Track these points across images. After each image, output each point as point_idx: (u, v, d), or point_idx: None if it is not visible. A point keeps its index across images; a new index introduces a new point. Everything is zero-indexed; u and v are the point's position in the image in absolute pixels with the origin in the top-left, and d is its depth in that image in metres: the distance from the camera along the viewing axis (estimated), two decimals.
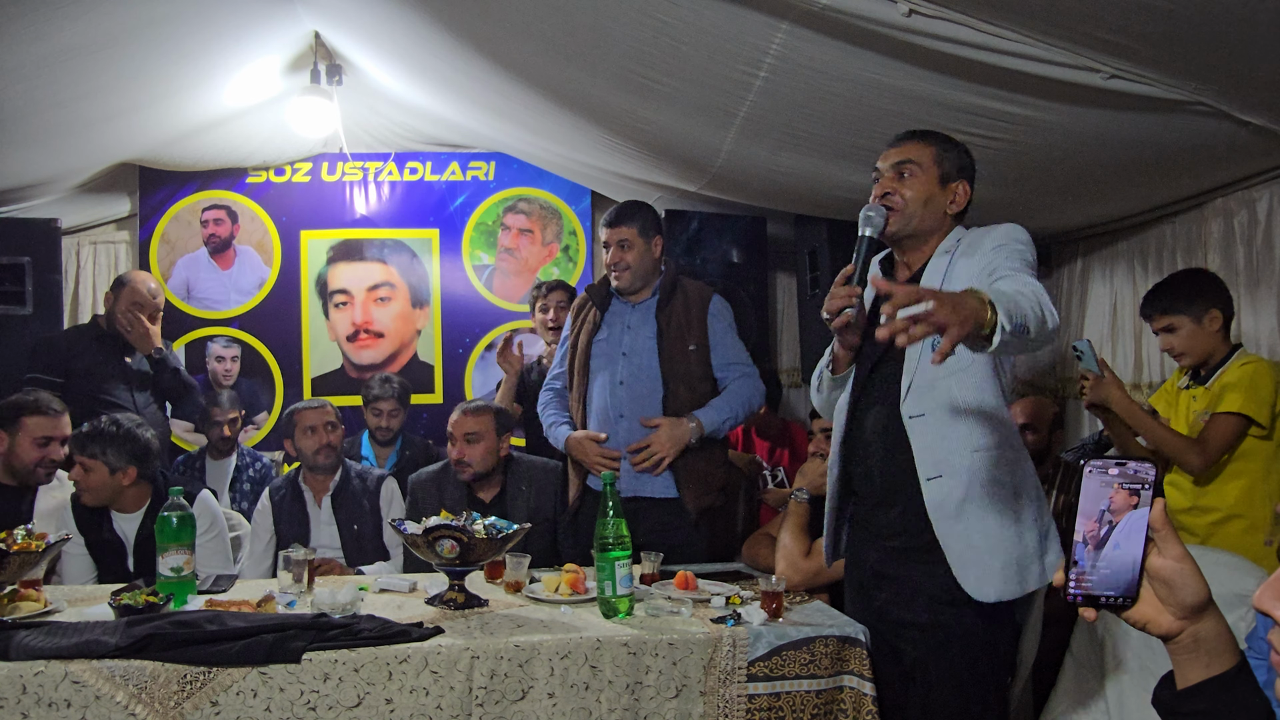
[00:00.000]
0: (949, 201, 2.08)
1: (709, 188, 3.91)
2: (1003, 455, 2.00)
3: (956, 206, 2.09)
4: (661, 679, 2.04)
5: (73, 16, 2.88)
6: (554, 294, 3.97)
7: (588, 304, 3.16)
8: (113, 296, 3.98)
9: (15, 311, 4.31)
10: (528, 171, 5.12)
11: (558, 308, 3.92)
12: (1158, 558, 0.97)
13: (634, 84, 2.94)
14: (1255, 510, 2.62)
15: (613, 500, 2.24)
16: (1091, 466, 0.97)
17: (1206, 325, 2.66)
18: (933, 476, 2.00)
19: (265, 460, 4.41)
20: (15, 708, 1.81)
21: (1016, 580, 1.99)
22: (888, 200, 2.06)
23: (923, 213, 2.06)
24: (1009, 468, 2.01)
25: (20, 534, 2.13)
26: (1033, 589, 2.02)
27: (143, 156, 4.69)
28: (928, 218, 2.07)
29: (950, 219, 2.10)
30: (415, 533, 2.25)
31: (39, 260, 4.36)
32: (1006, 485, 2.00)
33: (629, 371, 3.01)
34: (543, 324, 3.98)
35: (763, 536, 2.91)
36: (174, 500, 2.42)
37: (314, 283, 5.04)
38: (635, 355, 3.02)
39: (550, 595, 2.37)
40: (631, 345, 3.03)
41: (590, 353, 3.09)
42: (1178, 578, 0.97)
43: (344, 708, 1.91)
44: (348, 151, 4.96)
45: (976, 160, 2.16)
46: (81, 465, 2.82)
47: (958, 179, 2.09)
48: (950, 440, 2.00)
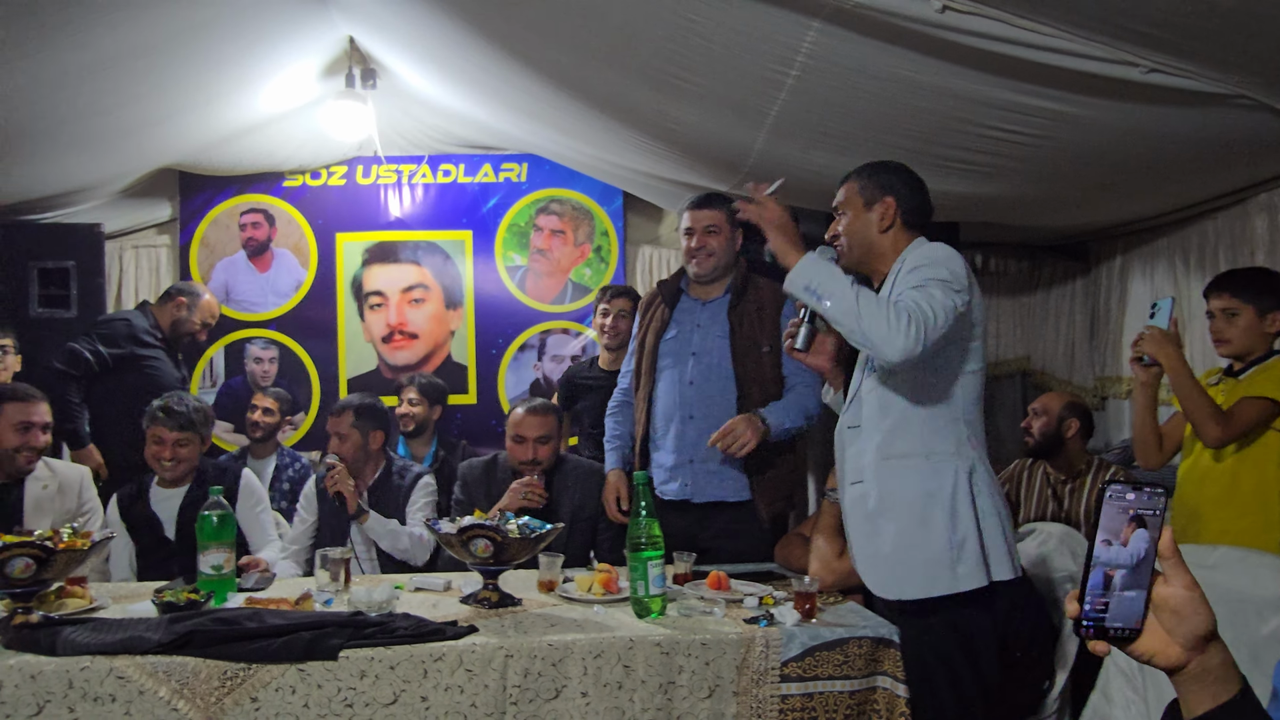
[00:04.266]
0: (879, 220, 2.20)
1: (741, 187, 3.89)
2: (917, 463, 2.10)
3: (885, 222, 2.20)
4: (694, 679, 2.04)
5: (113, 25, 2.94)
6: (619, 300, 3.91)
7: (656, 301, 3.13)
8: (185, 303, 4.28)
9: (60, 314, 4.42)
10: (560, 173, 5.15)
11: (618, 315, 3.87)
12: (1166, 587, 0.94)
13: (665, 84, 2.94)
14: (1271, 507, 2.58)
15: (645, 500, 2.24)
16: (1112, 491, 0.93)
17: (1266, 324, 2.62)
18: (855, 482, 2.18)
19: (304, 460, 4.47)
20: (62, 702, 1.85)
21: (921, 580, 2.08)
22: (835, 243, 2.26)
23: (861, 244, 2.23)
24: (923, 476, 2.09)
25: (66, 532, 2.18)
26: (939, 594, 2.06)
27: (182, 161, 4.78)
28: (867, 246, 2.23)
29: (891, 235, 2.21)
30: (449, 532, 2.27)
31: (83, 264, 4.47)
32: (916, 492, 2.09)
33: (699, 371, 2.97)
34: (602, 328, 3.95)
35: (795, 537, 2.90)
36: (214, 499, 2.46)
37: (349, 285, 5.10)
38: (706, 355, 2.98)
39: (583, 595, 2.38)
40: (702, 344, 2.99)
41: (658, 351, 3.07)
42: (1187, 607, 0.93)
43: (380, 705, 1.93)
44: (382, 154, 5.01)
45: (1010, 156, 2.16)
46: (153, 438, 3.09)
47: (881, 198, 2.21)
48: (868, 449, 2.15)
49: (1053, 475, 3.47)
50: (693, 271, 3.03)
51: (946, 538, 2.05)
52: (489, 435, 4.91)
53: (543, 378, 5.10)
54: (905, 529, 2.09)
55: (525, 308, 5.14)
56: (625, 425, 3.20)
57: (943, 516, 2.06)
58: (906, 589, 2.10)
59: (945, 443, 2.10)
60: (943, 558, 2.04)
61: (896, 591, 2.12)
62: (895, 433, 2.12)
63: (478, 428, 5.01)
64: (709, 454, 2.92)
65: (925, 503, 2.07)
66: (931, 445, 2.10)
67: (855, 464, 2.19)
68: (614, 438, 3.23)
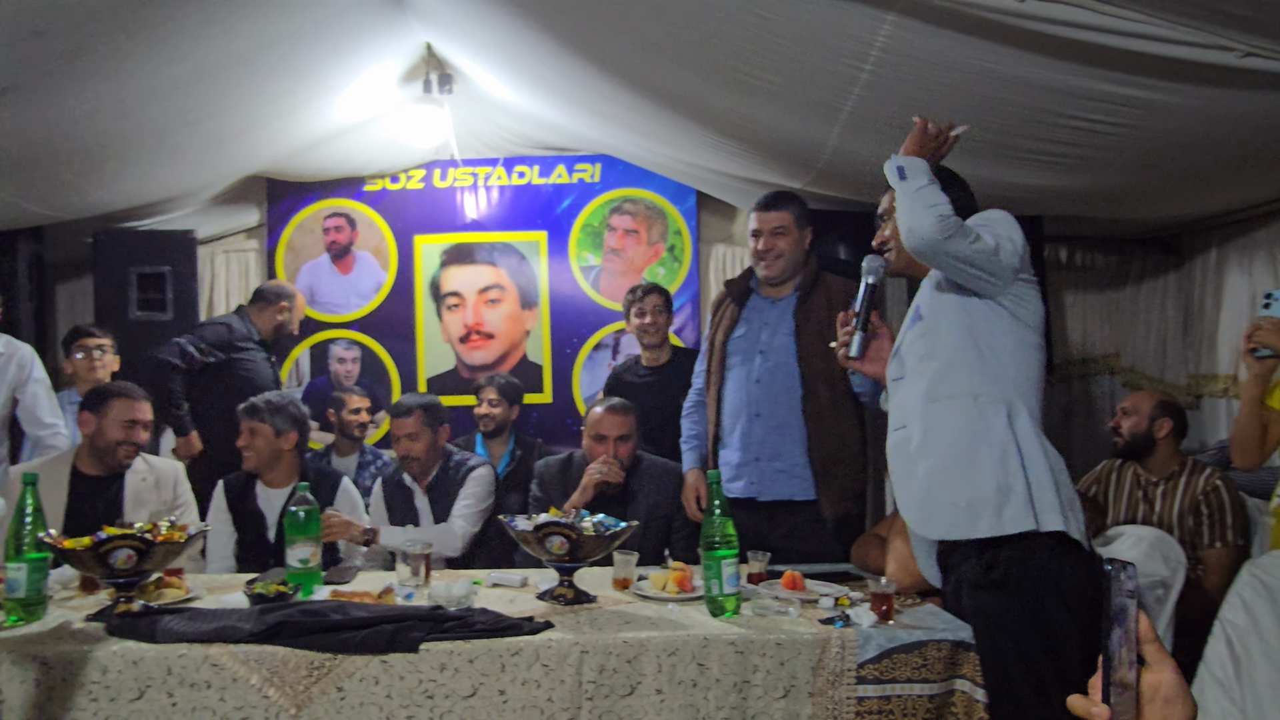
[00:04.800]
0: None
1: (815, 184, 3.86)
2: (964, 404, 2.06)
3: None
4: (769, 679, 2.03)
5: (204, 39, 3.06)
6: (650, 297, 3.98)
7: (726, 299, 3.15)
8: (286, 306, 4.52)
9: (157, 317, 4.62)
10: (633, 172, 5.17)
11: (655, 311, 3.94)
12: (1153, 674, 0.89)
13: (737, 82, 2.93)
14: None
15: (719, 499, 2.24)
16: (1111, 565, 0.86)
17: None
18: (898, 428, 2.17)
19: (386, 457, 4.59)
20: (162, 687, 1.94)
21: (964, 520, 2.01)
22: (883, 248, 2.31)
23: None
24: (970, 416, 2.05)
25: (165, 525, 2.28)
26: (982, 535, 2.00)
27: (269, 169, 4.94)
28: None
29: None
30: (525, 529, 2.30)
31: (178, 269, 4.67)
32: (962, 431, 2.05)
33: (766, 369, 2.97)
34: (640, 328, 4.00)
35: (872, 538, 2.86)
36: (301, 495, 2.55)
37: (428, 286, 5.21)
38: (773, 353, 2.97)
39: (658, 593, 2.39)
40: (769, 342, 2.99)
41: (727, 349, 3.07)
42: (1177, 693, 0.88)
43: (460, 697, 1.98)
44: (458, 158, 5.11)
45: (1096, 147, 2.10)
46: (249, 430, 3.22)
47: None
48: (914, 394, 2.14)
49: (1143, 477, 3.35)
50: (761, 273, 3.03)
51: (995, 479, 1.99)
52: (564, 434, 4.96)
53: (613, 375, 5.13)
54: (949, 467, 2.05)
55: (599, 307, 5.18)
56: (701, 425, 3.21)
57: (990, 457, 2.01)
58: (950, 528, 2.05)
59: (994, 387, 2.06)
60: (989, 499, 1.99)
61: (939, 530, 2.08)
62: (942, 375, 2.10)
63: (553, 426, 5.07)
64: (775, 452, 2.90)
65: (972, 442, 2.03)
66: (979, 388, 2.06)
67: (899, 411, 2.19)
68: (691, 437, 3.24)
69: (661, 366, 4.01)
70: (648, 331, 3.98)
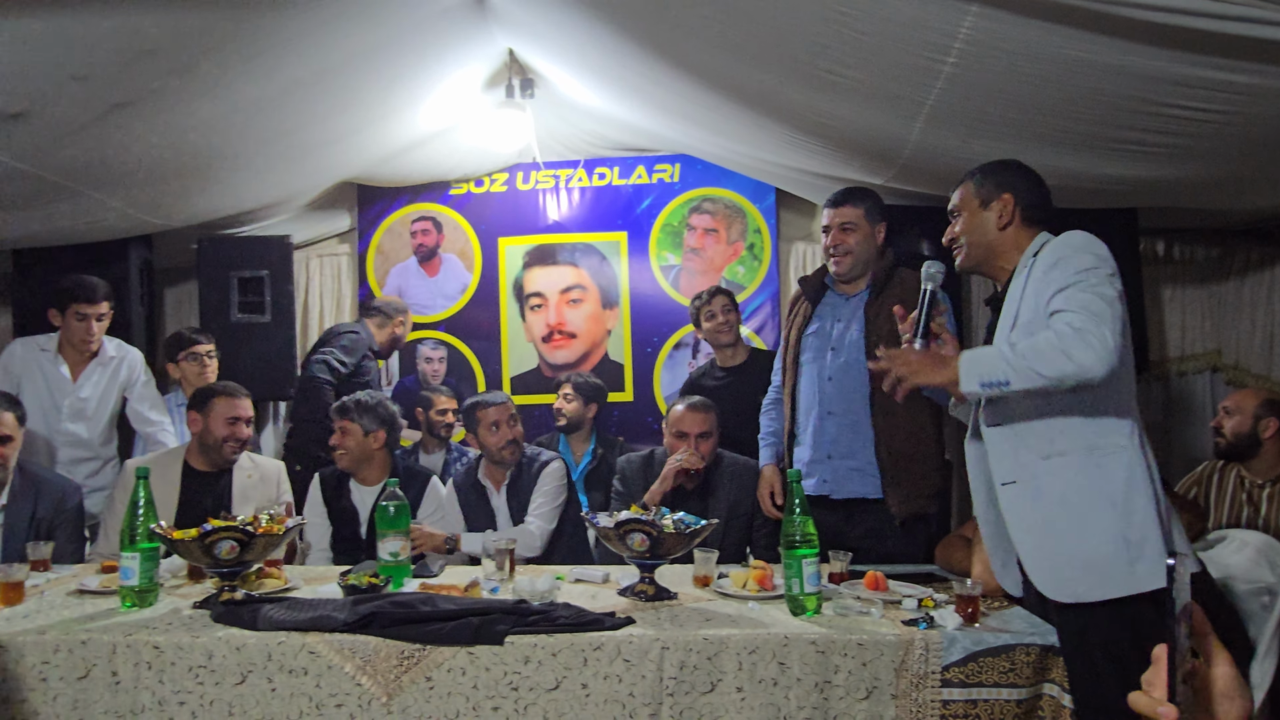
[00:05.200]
0: (997, 218, 2.21)
1: (897, 179, 3.81)
2: (1079, 460, 1.99)
3: (1004, 220, 2.20)
4: (851, 679, 2.02)
5: (299, 52, 3.19)
6: (718, 299, 4.04)
7: (801, 296, 3.14)
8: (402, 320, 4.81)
9: (257, 320, 4.83)
10: (712, 172, 5.17)
11: (724, 311, 3.99)
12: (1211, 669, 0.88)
13: (816, 79, 2.91)
14: None
15: (799, 498, 2.24)
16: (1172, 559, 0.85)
17: None
18: (1008, 482, 2.09)
19: (471, 455, 4.69)
20: (263, 672, 2.04)
21: (1095, 582, 1.95)
22: (953, 244, 2.27)
23: (980, 244, 2.23)
24: (1089, 473, 1.98)
25: (265, 519, 2.39)
26: (1116, 595, 1.93)
27: (360, 175, 5.11)
28: (986, 246, 2.23)
29: (1011, 233, 2.19)
30: (607, 526, 2.34)
31: (275, 273, 4.86)
32: (1083, 489, 1.99)
33: (837, 366, 2.95)
34: (711, 331, 4.05)
35: (957, 539, 2.80)
36: (391, 491, 2.63)
37: (511, 287, 5.31)
38: (844, 349, 2.95)
39: (738, 591, 2.40)
40: (841, 339, 2.97)
41: (800, 346, 3.06)
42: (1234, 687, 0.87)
43: (543, 689, 2.02)
44: (540, 160, 5.19)
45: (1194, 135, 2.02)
46: (341, 430, 3.36)
47: (997, 195, 2.20)
48: (1021, 447, 2.07)
49: (1248, 479, 3.21)
50: (832, 270, 3.00)
51: (1121, 535, 1.94)
52: (645, 432, 5.00)
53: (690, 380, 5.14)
54: (1073, 528, 1.98)
55: (680, 306, 5.19)
56: (778, 421, 3.21)
57: (1115, 514, 1.95)
58: (1080, 590, 1.98)
59: (1112, 436, 1.99)
60: (1119, 556, 1.93)
61: (1071, 594, 1.99)
62: (1055, 429, 2.03)
63: (634, 425, 5.11)
64: (847, 450, 2.88)
65: (1094, 500, 1.97)
66: (1095, 440, 1.99)
67: (1006, 464, 2.10)
68: (768, 434, 3.24)
69: (737, 367, 4.02)
70: (720, 333, 4.02)
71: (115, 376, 3.92)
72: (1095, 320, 1.88)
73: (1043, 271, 2.06)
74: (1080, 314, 1.91)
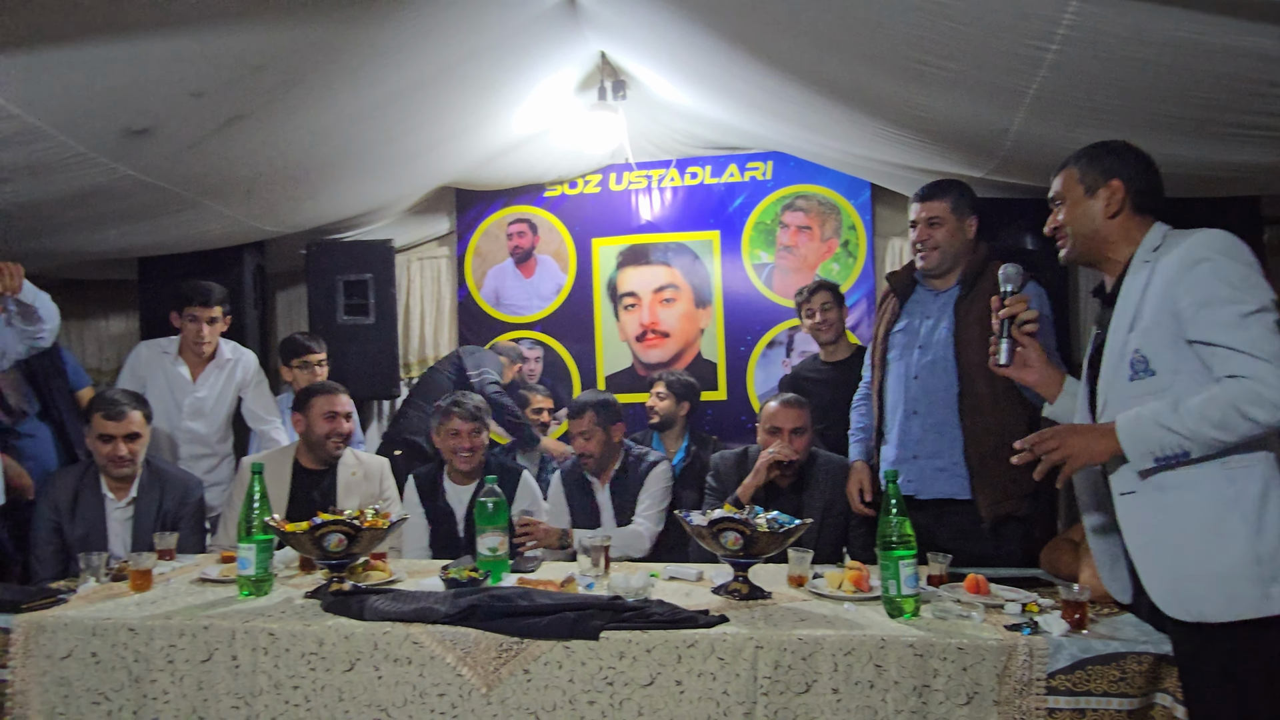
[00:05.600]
0: (1104, 207, 2.06)
1: (997, 172, 3.69)
2: (1210, 470, 1.86)
3: (1112, 208, 2.05)
4: (951, 684, 1.98)
5: (398, 64, 3.30)
6: (817, 295, 4.03)
7: (889, 292, 3.08)
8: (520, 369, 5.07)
9: (361, 321, 5.02)
10: (805, 168, 5.12)
11: (823, 309, 3.97)
12: None
13: (912, 71, 2.85)
14: None
15: (895, 498, 2.21)
16: None
17: None
18: (1126, 492, 1.97)
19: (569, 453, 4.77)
20: (369, 661, 2.12)
21: (1221, 602, 1.83)
22: (1056, 233, 2.14)
23: (1085, 235, 2.09)
24: (1218, 484, 1.85)
25: (370, 513, 2.48)
26: (1244, 617, 1.82)
27: (458, 179, 5.25)
28: (1091, 236, 2.09)
29: (1120, 222, 2.04)
30: (700, 524, 2.34)
31: (378, 276, 5.04)
32: (1211, 501, 1.85)
33: (924, 364, 2.89)
34: (812, 327, 4.05)
35: (1064, 542, 2.71)
36: (489, 488, 2.70)
37: (605, 286, 5.37)
38: (932, 348, 2.88)
39: (833, 591, 2.38)
40: (929, 337, 2.90)
41: (888, 344, 3.01)
42: None
43: (638, 685, 2.04)
44: (633, 161, 5.23)
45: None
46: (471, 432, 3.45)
47: (1104, 182, 2.04)
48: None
49: None
50: (919, 265, 2.92)
51: (1253, 552, 1.82)
52: (739, 430, 4.99)
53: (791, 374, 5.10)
54: (1200, 544, 1.87)
55: (773, 305, 5.16)
56: (868, 417, 3.15)
57: (1247, 530, 1.83)
58: (1205, 609, 1.86)
59: (1246, 447, 1.84)
60: (1249, 574, 1.82)
61: (1195, 612, 1.87)
62: None
63: (728, 423, 5.10)
64: (933, 450, 2.81)
65: (1223, 514, 1.85)
66: (1228, 450, 1.85)
67: (1127, 473, 1.96)
68: (857, 430, 3.20)
69: (840, 363, 3.99)
70: (820, 329, 4.01)
71: (231, 377, 4.13)
72: (1270, 367, 1.77)
73: (1176, 272, 1.90)
74: (1249, 359, 1.78)
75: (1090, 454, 1.95)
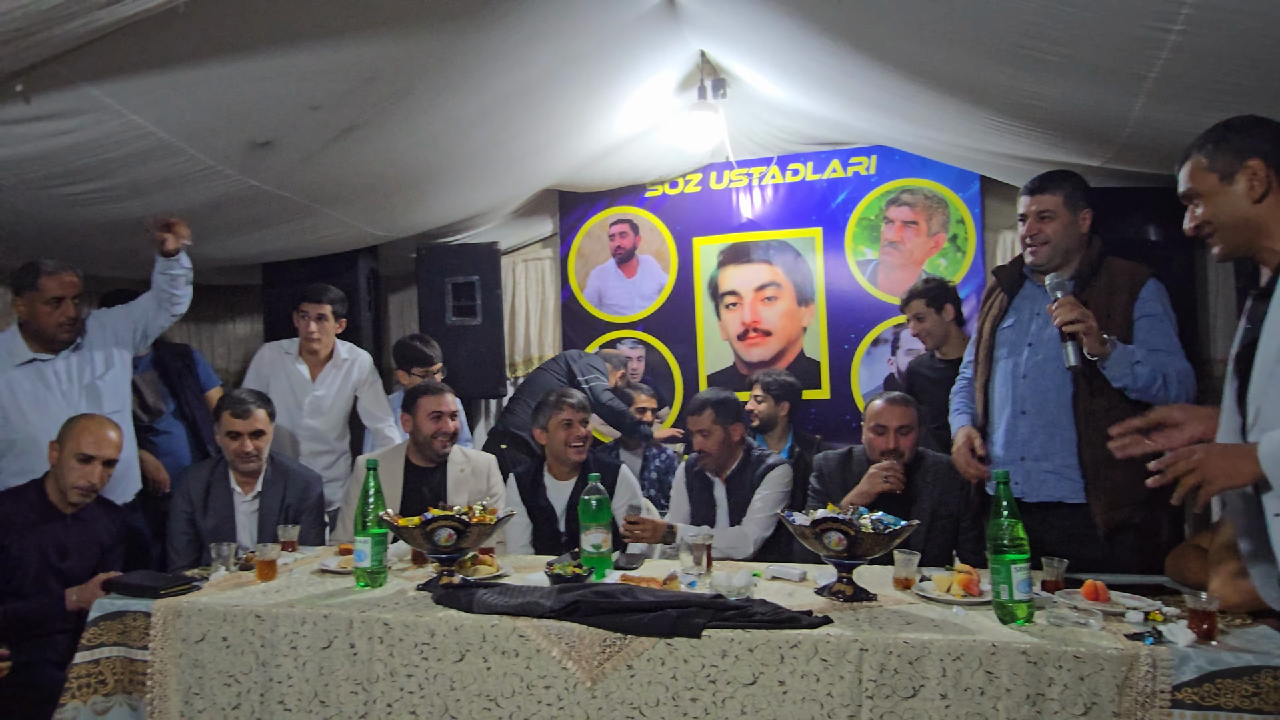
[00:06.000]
0: (1247, 191, 1.90)
1: (1116, 160, 3.53)
2: None
3: (1258, 190, 1.89)
4: (1067, 693, 1.91)
5: (503, 70, 3.38)
6: (911, 304, 3.96)
7: (996, 287, 2.98)
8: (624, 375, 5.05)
9: (468, 322, 5.16)
10: (910, 162, 5.01)
11: (917, 319, 3.91)
12: None
13: (1023, 59, 2.75)
14: None
15: (1006, 500, 2.14)
16: None
17: None
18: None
19: (670, 452, 4.80)
20: (478, 652, 2.18)
21: None
22: (1200, 232, 1.99)
23: (1233, 226, 1.94)
24: None
25: (478, 509, 2.55)
26: None
27: (561, 182, 5.34)
28: (1241, 226, 1.93)
29: (1270, 204, 1.87)
30: (803, 524, 2.32)
31: (485, 278, 5.17)
32: None
33: (1034, 363, 2.78)
34: (916, 334, 4.00)
35: (1191, 549, 2.57)
36: (593, 485, 2.74)
37: (706, 285, 5.37)
38: (1042, 345, 2.77)
39: (941, 595, 2.32)
40: (1039, 334, 2.79)
41: (995, 340, 2.91)
42: None
43: (740, 684, 2.04)
44: (733, 159, 5.21)
45: None
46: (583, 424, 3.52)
47: (1240, 164, 1.91)
48: None
49: None
50: (1029, 260, 2.80)
51: None
52: (843, 430, 4.91)
53: (897, 372, 5.00)
54: None
55: (877, 302, 5.07)
56: (970, 405, 3.04)
57: None
58: None
59: None
60: None
61: None
62: None
63: (832, 422, 5.03)
64: (1043, 452, 2.69)
65: None
66: None
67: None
68: (959, 407, 3.09)
69: (956, 360, 3.87)
70: (921, 338, 3.99)
71: (348, 377, 4.30)
72: None
73: None
74: None
75: (1231, 478, 1.78)
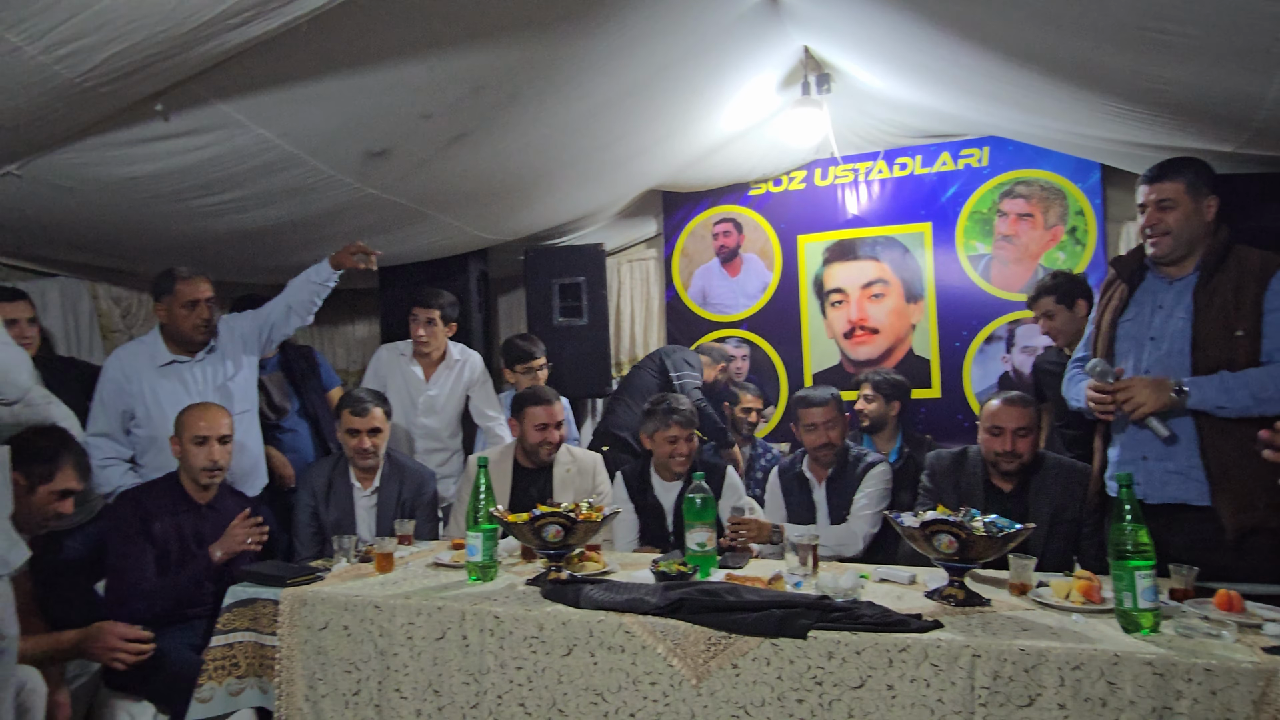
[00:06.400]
0: None
1: (1252, 145, 3.32)
2: None
3: None
4: (1197, 708, 1.81)
5: (608, 73, 3.42)
6: (1039, 302, 3.70)
7: (1115, 279, 2.84)
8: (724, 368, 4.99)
9: (575, 322, 5.24)
10: (1025, 152, 4.83)
11: (1046, 317, 3.67)
12: None
13: (1145, 42, 2.62)
14: None
15: (1130, 504, 2.05)
16: None
17: None
18: None
19: (775, 451, 4.77)
20: (585, 647, 2.22)
21: None
22: None
23: None
24: None
25: (584, 506, 2.60)
26: None
27: (664, 182, 5.36)
28: None
29: None
30: (912, 526, 2.28)
31: (591, 279, 5.25)
32: None
33: (1155, 359, 2.64)
34: (1050, 330, 3.74)
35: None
36: (697, 484, 2.75)
37: (811, 284, 5.31)
38: (1164, 340, 2.63)
39: (1060, 601, 2.24)
40: (1161, 328, 2.65)
41: (1114, 335, 2.78)
42: None
43: (848, 687, 2.02)
44: (838, 155, 5.14)
45: None
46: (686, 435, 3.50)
47: None
48: None
49: None
50: (1149, 252, 2.65)
51: None
52: (954, 430, 4.78)
53: (1012, 370, 4.83)
54: None
55: (991, 298, 4.91)
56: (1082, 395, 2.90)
57: None
58: None
59: None
60: None
61: None
62: None
63: (943, 422, 4.90)
64: (1166, 452, 2.54)
65: None
66: None
67: None
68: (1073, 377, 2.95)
69: None
70: (1051, 336, 3.74)
71: (460, 377, 4.43)
72: None
73: None
74: None
75: None
